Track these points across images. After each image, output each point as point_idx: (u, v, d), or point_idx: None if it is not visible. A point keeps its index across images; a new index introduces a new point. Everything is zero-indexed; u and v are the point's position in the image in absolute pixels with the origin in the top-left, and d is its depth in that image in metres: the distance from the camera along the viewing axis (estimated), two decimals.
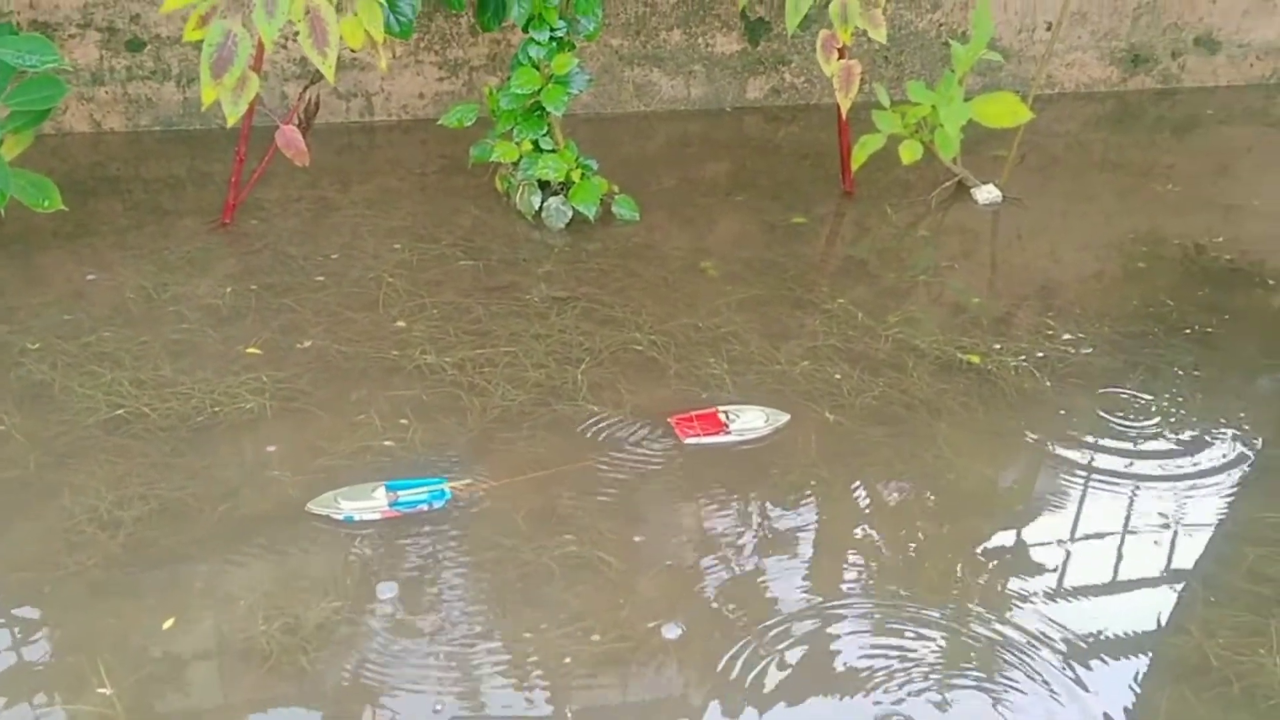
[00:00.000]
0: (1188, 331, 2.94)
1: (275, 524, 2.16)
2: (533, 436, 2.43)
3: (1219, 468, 2.46)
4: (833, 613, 2.05)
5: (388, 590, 2.03)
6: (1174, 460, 2.47)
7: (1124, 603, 2.09)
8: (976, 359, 2.77)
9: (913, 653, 1.96)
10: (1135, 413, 2.61)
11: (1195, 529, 2.28)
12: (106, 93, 3.83)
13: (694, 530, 2.21)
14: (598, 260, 3.20)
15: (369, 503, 2.21)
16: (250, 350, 2.69)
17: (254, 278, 3.01)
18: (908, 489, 2.36)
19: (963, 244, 3.44)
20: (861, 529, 2.25)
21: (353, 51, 2.79)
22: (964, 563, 2.16)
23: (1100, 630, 2.02)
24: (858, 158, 3.45)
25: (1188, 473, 2.44)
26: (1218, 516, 2.32)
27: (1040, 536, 2.24)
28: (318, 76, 2.92)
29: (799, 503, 2.30)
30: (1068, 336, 2.89)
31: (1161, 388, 2.70)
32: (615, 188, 3.47)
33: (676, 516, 2.25)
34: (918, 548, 2.20)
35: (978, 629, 2.01)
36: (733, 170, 3.92)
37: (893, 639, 1.99)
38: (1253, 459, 2.51)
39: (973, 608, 2.06)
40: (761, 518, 2.26)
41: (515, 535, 2.15)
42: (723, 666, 1.90)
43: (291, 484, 2.26)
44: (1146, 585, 2.13)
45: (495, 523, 2.19)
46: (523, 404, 2.54)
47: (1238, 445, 2.53)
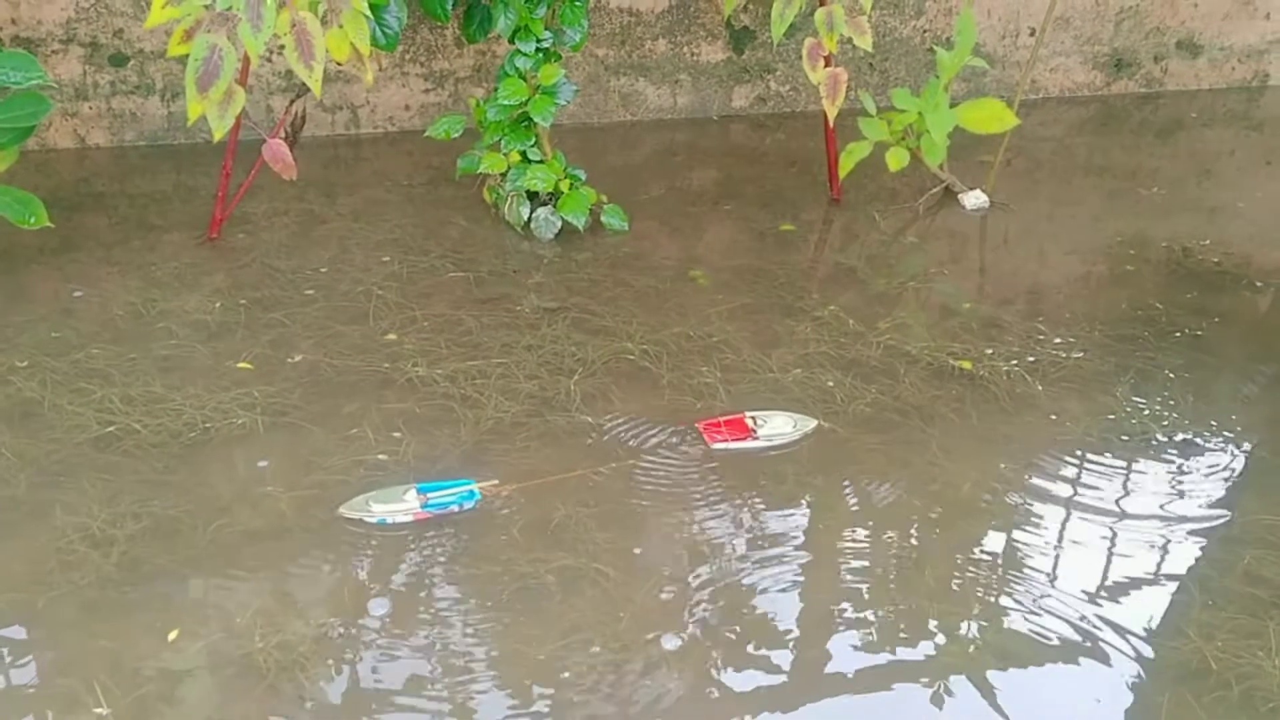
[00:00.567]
0: (1177, 334, 2.95)
1: (269, 540, 2.15)
2: (526, 448, 2.42)
3: (1212, 470, 2.47)
4: (828, 620, 2.05)
5: (381, 605, 2.02)
6: (1167, 463, 2.48)
7: (1121, 606, 2.09)
8: (968, 364, 2.77)
9: (909, 658, 1.96)
10: (1128, 416, 2.61)
11: (1190, 532, 2.29)
12: (91, 108, 3.81)
13: (687, 539, 2.21)
14: (588, 270, 3.20)
15: (400, 505, 2.23)
16: (241, 365, 2.67)
17: (243, 292, 2.99)
18: (902, 495, 2.36)
19: (951, 249, 3.45)
20: (856, 536, 2.24)
21: (338, 65, 2.78)
22: (959, 568, 2.16)
23: (1098, 634, 2.03)
24: (845, 165, 3.46)
25: (1181, 475, 2.45)
26: (1213, 519, 2.33)
27: (1035, 541, 2.24)
28: (304, 90, 2.91)
29: (793, 511, 2.30)
30: (1058, 340, 2.90)
31: (1153, 390, 2.71)
32: (604, 197, 3.47)
33: (670, 524, 2.24)
34: (913, 554, 2.20)
35: (974, 634, 2.01)
36: (720, 179, 3.92)
37: (887, 644, 1.99)
38: (1245, 460, 2.52)
39: (968, 613, 2.06)
40: (754, 525, 2.26)
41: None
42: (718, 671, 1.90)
43: (285, 499, 2.25)
44: (1143, 589, 2.14)
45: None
46: (516, 415, 2.53)
47: (1230, 447, 2.54)
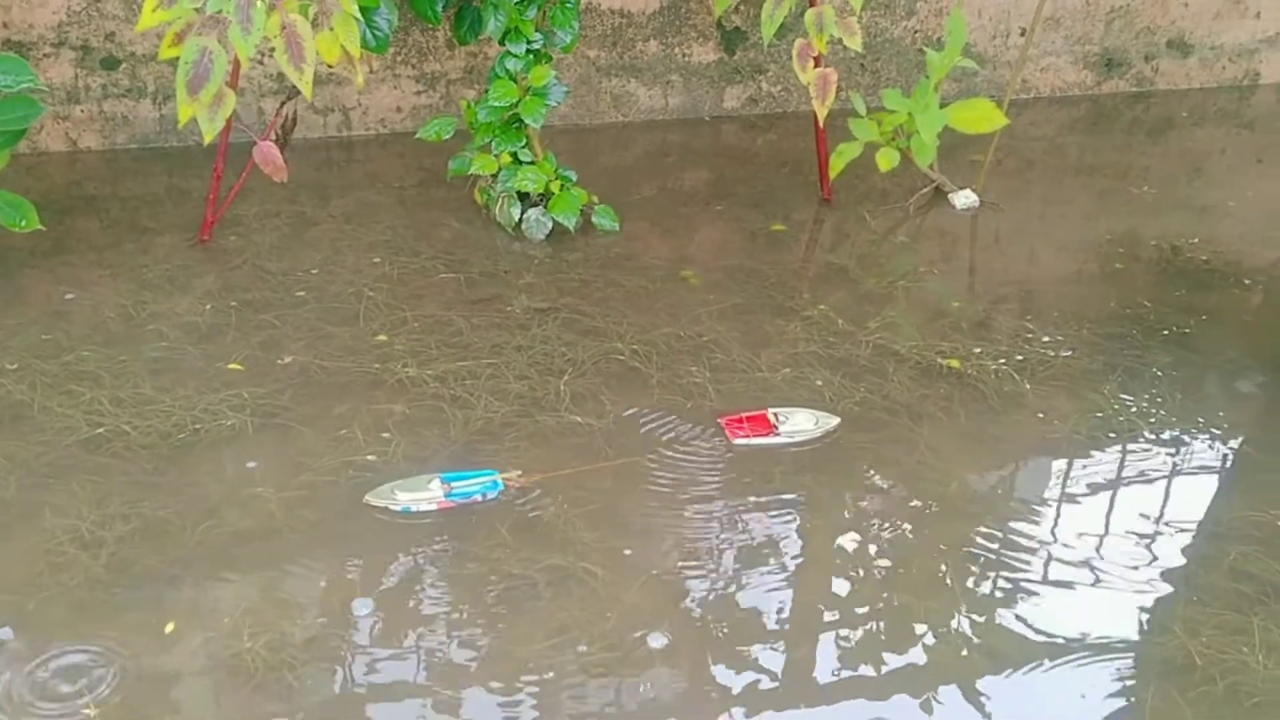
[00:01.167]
0: (1165, 332, 2.96)
1: (258, 541, 2.16)
2: (515, 448, 2.43)
3: (1199, 467, 2.48)
4: (817, 619, 2.06)
5: (367, 605, 2.03)
6: (1155, 460, 2.49)
7: (1107, 603, 2.11)
8: (957, 363, 2.78)
9: (899, 657, 1.97)
10: (1115, 414, 2.62)
11: (1177, 528, 2.30)
12: (82, 111, 3.81)
13: (673, 536, 2.22)
14: (579, 271, 3.21)
15: (425, 494, 2.27)
16: (231, 366, 2.68)
17: (233, 294, 3.00)
18: (890, 493, 2.37)
19: (941, 249, 3.46)
20: (845, 534, 2.25)
21: (329, 67, 2.79)
22: (948, 566, 2.17)
23: (1084, 631, 2.04)
24: (835, 166, 3.47)
25: (1168, 472, 2.46)
26: (1199, 515, 2.34)
27: (1021, 539, 2.25)
28: (295, 92, 2.91)
29: (781, 509, 2.31)
30: (1047, 339, 2.91)
31: (1141, 388, 2.72)
32: (595, 198, 3.47)
33: (659, 522, 2.25)
34: (901, 552, 2.21)
35: (962, 631, 2.02)
36: (712, 179, 3.92)
37: (875, 642, 2.00)
38: (1232, 457, 2.53)
39: (957, 611, 2.07)
40: (741, 523, 2.27)
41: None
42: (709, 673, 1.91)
43: (274, 500, 2.25)
44: (1129, 585, 2.15)
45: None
46: (505, 416, 2.54)
47: (1217, 444, 2.55)
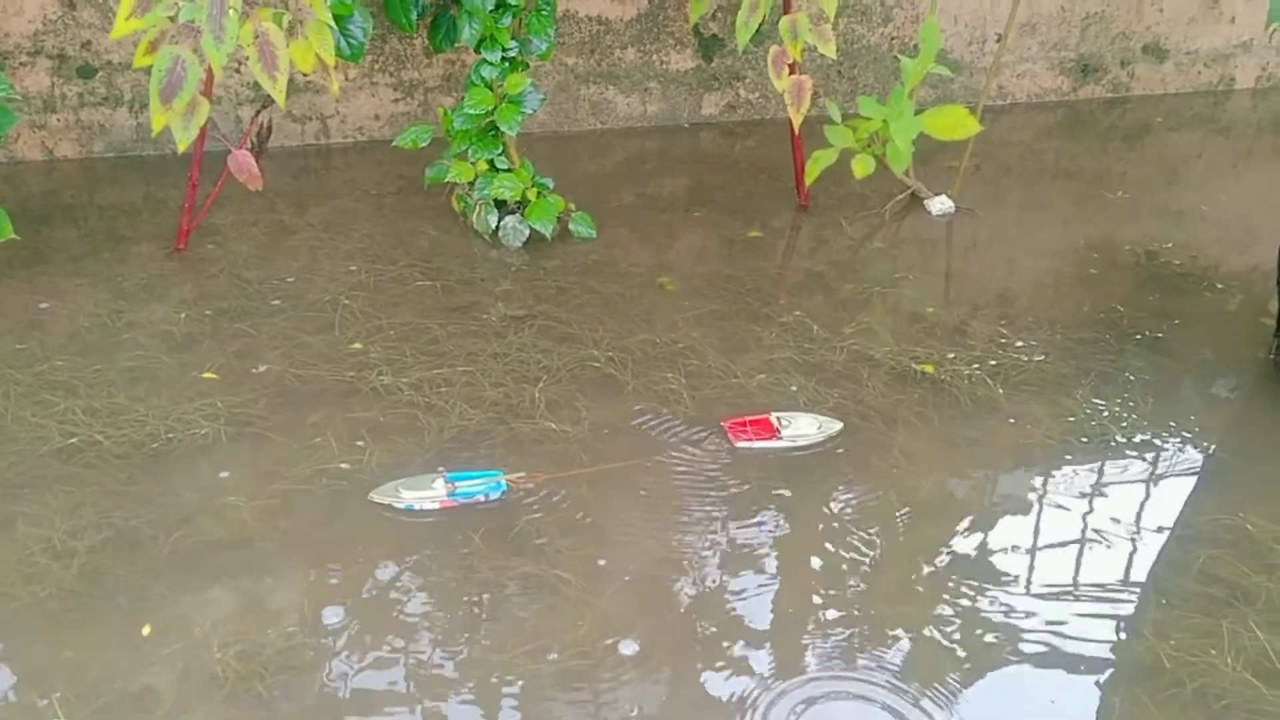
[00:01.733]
0: (1139, 337, 2.98)
1: (231, 550, 2.15)
2: (490, 456, 2.43)
3: (1170, 471, 2.49)
4: (789, 625, 2.06)
5: (339, 614, 2.03)
6: (1126, 464, 2.50)
7: (1077, 607, 2.12)
8: (931, 368, 2.79)
9: (871, 663, 1.97)
10: (1088, 418, 2.64)
11: (1147, 532, 2.31)
12: (59, 120, 3.80)
13: (651, 544, 2.22)
14: (556, 278, 3.21)
15: (429, 493, 2.29)
16: (206, 375, 2.67)
17: (209, 303, 2.99)
18: (864, 498, 2.38)
19: (917, 255, 3.47)
20: (817, 539, 2.26)
21: (304, 75, 2.79)
22: (920, 571, 2.18)
23: (1054, 635, 2.05)
24: (811, 173, 3.48)
25: (1140, 477, 2.47)
26: (1169, 520, 2.35)
27: (994, 543, 2.26)
28: (270, 101, 2.91)
29: (756, 515, 2.32)
30: (1021, 344, 2.92)
31: (1114, 393, 2.73)
32: (572, 205, 3.48)
33: (639, 528, 2.26)
34: (875, 557, 2.21)
35: (935, 637, 2.03)
36: (690, 186, 3.94)
37: (849, 649, 2.00)
38: (1203, 461, 2.54)
39: (929, 616, 2.07)
40: (715, 528, 2.27)
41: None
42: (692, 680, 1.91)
43: (247, 509, 2.25)
44: (1099, 589, 2.16)
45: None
46: (480, 423, 2.54)
47: (1188, 448, 2.57)
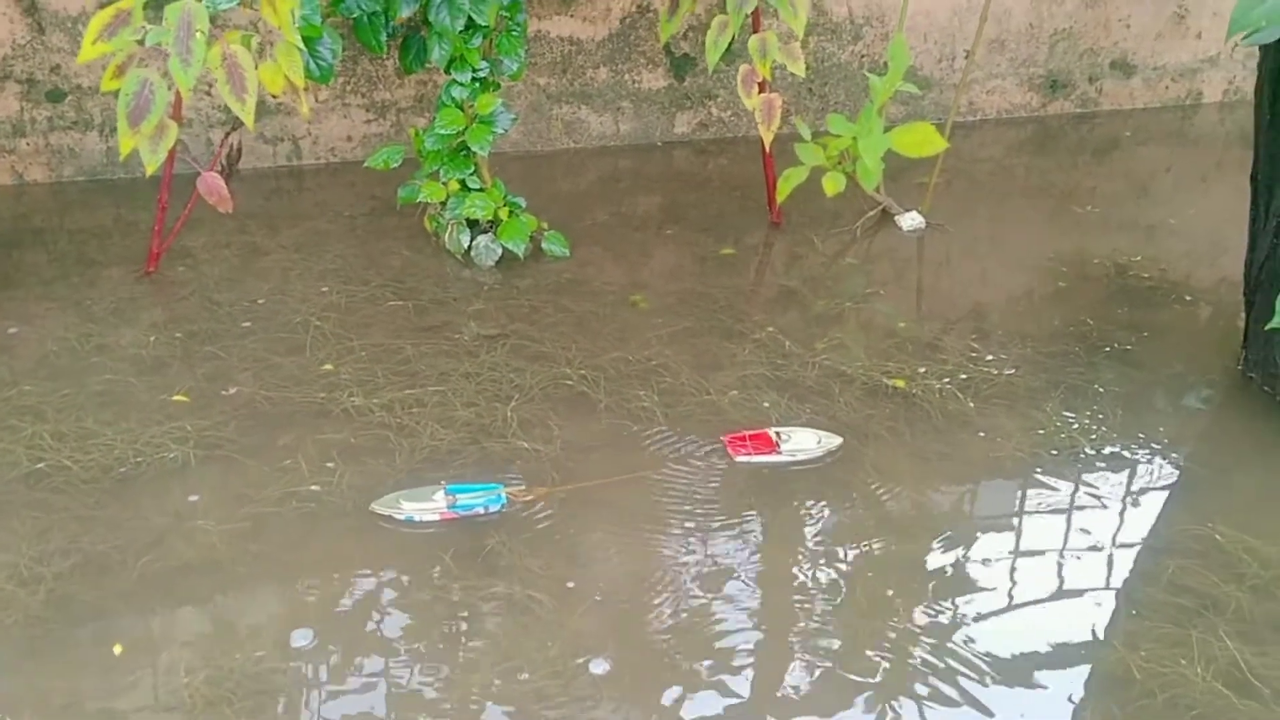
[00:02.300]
0: (1108, 349, 3.00)
1: (199, 574, 2.14)
2: (461, 476, 2.42)
3: (1139, 482, 2.51)
4: (762, 642, 2.06)
5: (308, 637, 2.01)
6: (1096, 476, 2.51)
7: (1048, 619, 2.12)
8: (902, 383, 2.80)
9: (843, 678, 1.97)
10: (1057, 430, 2.65)
11: (1117, 543, 2.32)
12: (28, 144, 3.79)
13: (623, 563, 2.22)
14: (528, 297, 3.21)
15: (429, 504, 2.30)
16: (175, 399, 2.66)
17: (180, 325, 2.98)
18: (836, 513, 2.38)
19: (888, 270, 3.48)
20: (789, 554, 2.26)
21: (274, 97, 2.79)
22: (893, 585, 2.18)
23: (1026, 647, 2.05)
24: (781, 190, 3.49)
25: (1110, 488, 2.49)
26: (1139, 531, 2.37)
27: (964, 557, 2.27)
28: (239, 123, 2.91)
29: (728, 531, 2.32)
30: (991, 358, 2.93)
31: (1083, 405, 2.74)
32: (545, 224, 3.48)
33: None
34: (847, 571, 2.21)
35: (906, 651, 2.03)
36: (663, 204, 3.94)
37: (821, 664, 2.00)
38: (1172, 472, 2.55)
39: (902, 630, 2.07)
40: (688, 546, 2.27)
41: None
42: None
43: (216, 533, 2.24)
44: (1070, 601, 2.17)
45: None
46: (452, 443, 2.53)
47: (1156, 459, 2.58)
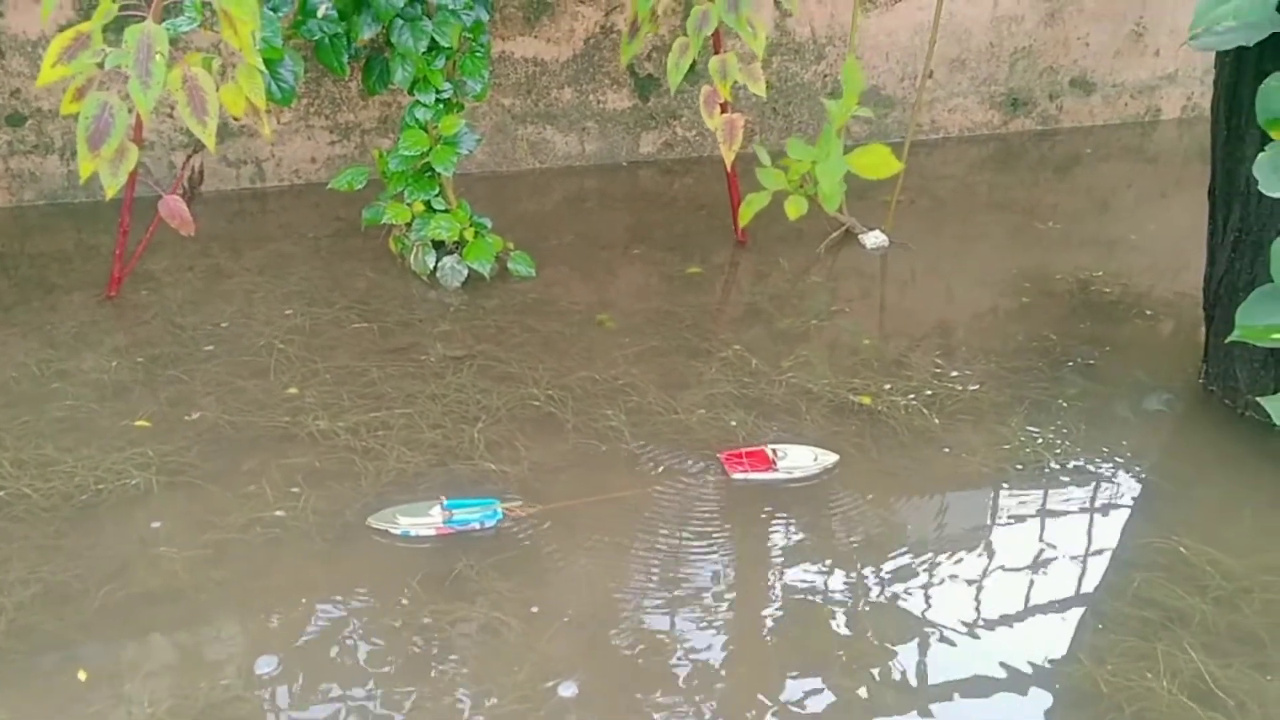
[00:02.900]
0: (1072, 364, 3.02)
1: (162, 602, 2.12)
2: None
3: (1104, 495, 2.52)
4: (729, 662, 2.06)
5: (273, 664, 1.99)
6: (1060, 491, 2.53)
7: (1015, 634, 2.13)
8: (868, 400, 2.81)
9: (809, 697, 1.97)
10: (1022, 445, 2.67)
11: (1082, 557, 2.34)
12: None
13: (590, 583, 2.21)
14: (495, 318, 3.20)
15: (425, 519, 2.31)
16: (138, 424, 2.63)
17: (141, 350, 2.95)
18: (802, 530, 2.38)
19: (853, 288, 3.50)
20: (757, 574, 2.26)
21: (235, 119, 2.77)
22: (860, 604, 2.18)
23: (992, 663, 2.06)
24: (744, 215, 3.49)
25: (1074, 502, 2.50)
26: (1103, 543, 2.38)
27: (930, 573, 2.27)
28: (201, 145, 2.90)
29: (695, 550, 2.31)
30: (956, 374, 2.95)
31: (1048, 420, 2.76)
32: (511, 245, 3.48)
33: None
34: (812, 589, 2.21)
35: (871, 668, 2.03)
36: (629, 224, 3.95)
37: (785, 682, 2.00)
38: (1136, 485, 2.57)
39: (867, 647, 2.08)
40: (654, 566, 2.27)
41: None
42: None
43: (179, 560, 2.21)
44: (1036, 615, 2.17)
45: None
46: (418, 466, 2.52)
47: (1121, 472, 2.60)
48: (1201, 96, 5.08)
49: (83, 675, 1.94)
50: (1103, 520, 2.45)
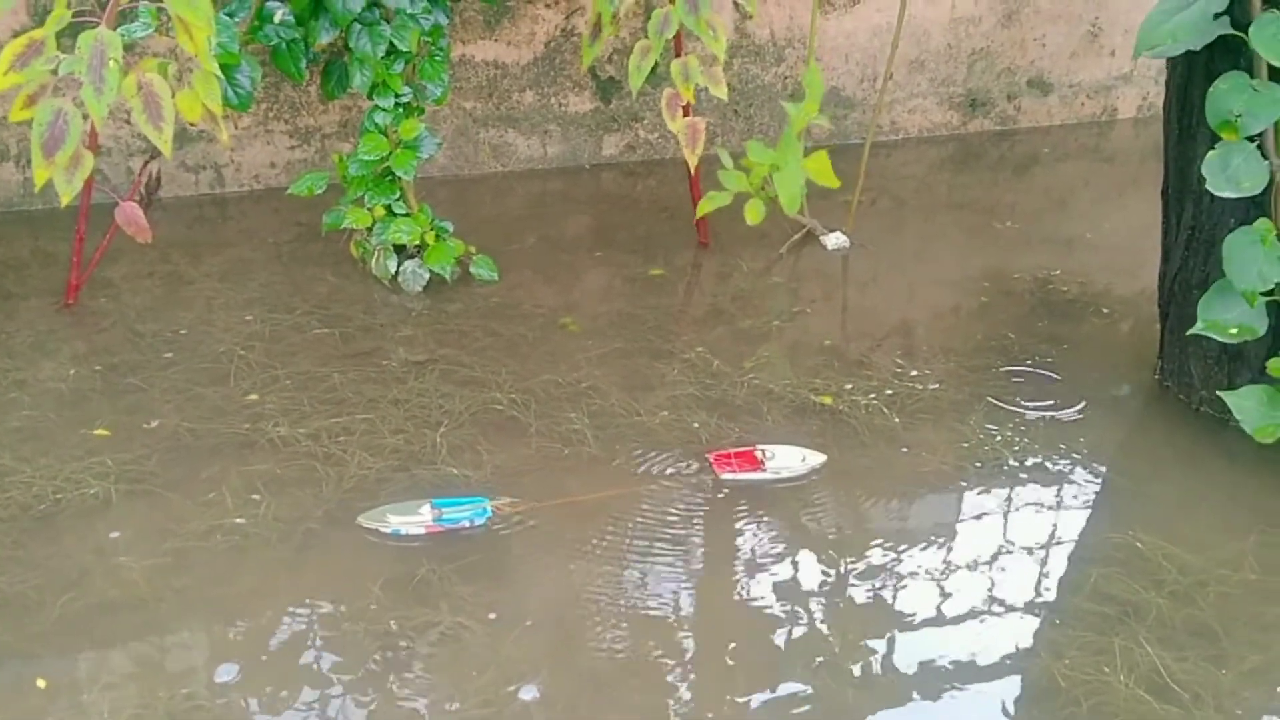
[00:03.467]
0: (1029, 362, 3.05)
1: (122, 612, 2.10)
2: (390, 504, 2.40)
3: (1060, 492, 2.55)
4: (691, 666, 2.06)
5: (234, 673, 1.98)
6: (1019, 488, 2.56)
7: (973, 630, 2.15)
8: (829, 399, 2.83)
9: (772, 696, 1.98)
10: (980, 443, 2.69)
11: (1040, 553, 2.36)
12: None
13: (556, 586, 2.22)
14: (457, 321, 3.20)
15: (415, 518, 2.33)
16: (96, 433, 2.61)
17: (100, 358, 2.93)
18: (763, 532, 2.40)
19: (815, 289, 3.52)
20: (718, 576, 2.27)
21: (192, 125, 2.76)
22: (819, 602, 2.20)
23: (953, 659, 2.08)
24: (702, 208, 3.50)
25: (1032, 499, 2.53)
26: (1061, 539, 2.41)
27: (889, 571, 2.29)
28: (158, 151, 2.87)
29: (656, 556, 2.32)
30: (916, 373, 2.97)
31: (1005, 418, 2.79)
32: (473, 248, 3.47)
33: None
34: (774, 588, 2.23)
35: (834, 666, 2.04)
36: (592, 226, 3.96)
37: (751, 682, 2.01)
38: (1093, 482, 2.61)
39: (829, 647, 2.09)
40: (617, 569, 2.27)
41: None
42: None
43: (138, 569, 2.20)
44: (994, 612, 2.20)
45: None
46: (380, 471, 2.51)
47: (1078, 469, 2.63)
48: (1156, 96, 5.13)
49: (42, 684, 1.93)
50: (1061, 516, 2.48)
